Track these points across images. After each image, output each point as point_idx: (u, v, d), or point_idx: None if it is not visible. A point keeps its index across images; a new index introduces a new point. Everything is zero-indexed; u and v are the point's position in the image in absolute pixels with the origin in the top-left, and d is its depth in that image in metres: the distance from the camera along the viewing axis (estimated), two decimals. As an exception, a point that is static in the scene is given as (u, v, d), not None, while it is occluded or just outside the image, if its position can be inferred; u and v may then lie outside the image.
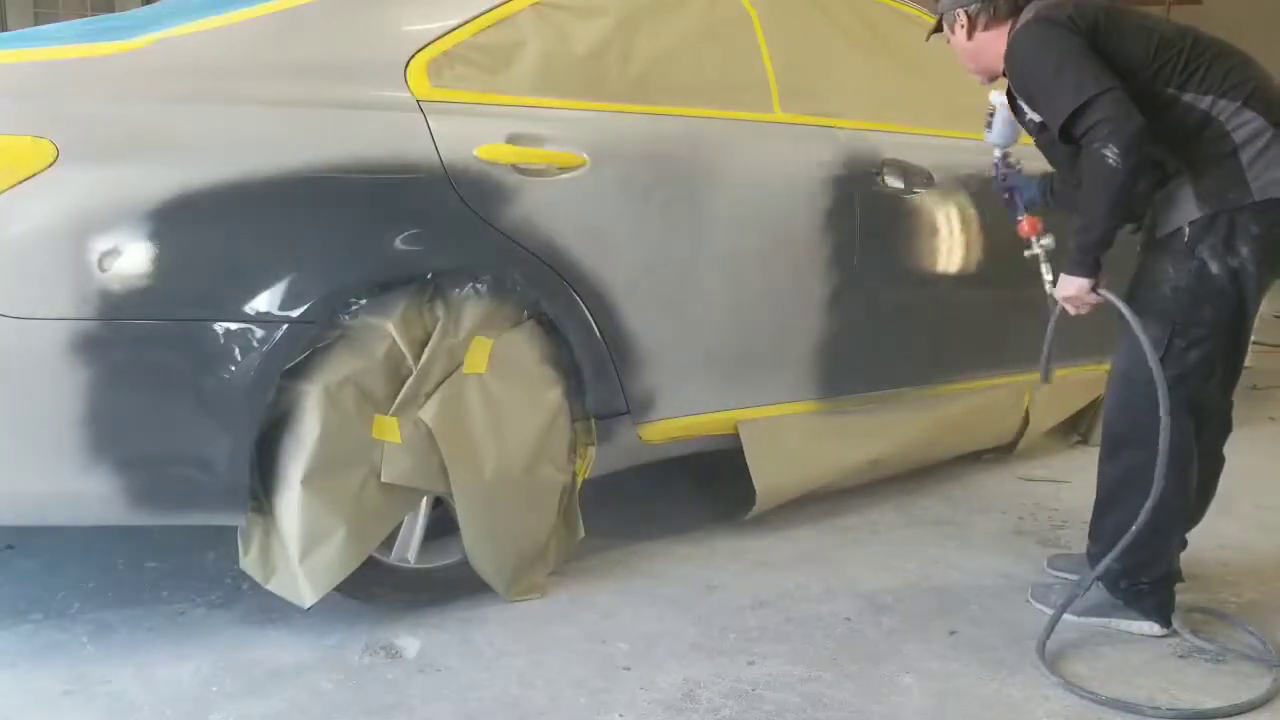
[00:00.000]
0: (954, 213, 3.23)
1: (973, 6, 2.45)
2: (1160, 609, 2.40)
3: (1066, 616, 2.39)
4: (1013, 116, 2.55)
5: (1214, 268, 2.25)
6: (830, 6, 3.20)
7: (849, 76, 3.14)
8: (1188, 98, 2.25)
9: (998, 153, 2.65)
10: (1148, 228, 2.40)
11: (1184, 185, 2.27)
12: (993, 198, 3.29)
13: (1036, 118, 2.37)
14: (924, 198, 3.13)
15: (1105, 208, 2.21)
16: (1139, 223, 2.42)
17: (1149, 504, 2.25)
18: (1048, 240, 2.54)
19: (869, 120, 3.08)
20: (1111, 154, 2.15)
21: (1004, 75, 2.45)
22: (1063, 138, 2.27)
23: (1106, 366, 3.79)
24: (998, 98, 2.59)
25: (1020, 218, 2.59)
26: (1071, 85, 2.20)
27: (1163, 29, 2.32)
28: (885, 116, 3.14)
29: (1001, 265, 3.35)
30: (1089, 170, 2.20)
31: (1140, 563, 2.36)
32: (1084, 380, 3.74)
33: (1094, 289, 2.31)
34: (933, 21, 2.60)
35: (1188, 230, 2.26)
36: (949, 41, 2.57)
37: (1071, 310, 2.39)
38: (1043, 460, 3.71)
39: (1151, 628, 2.40)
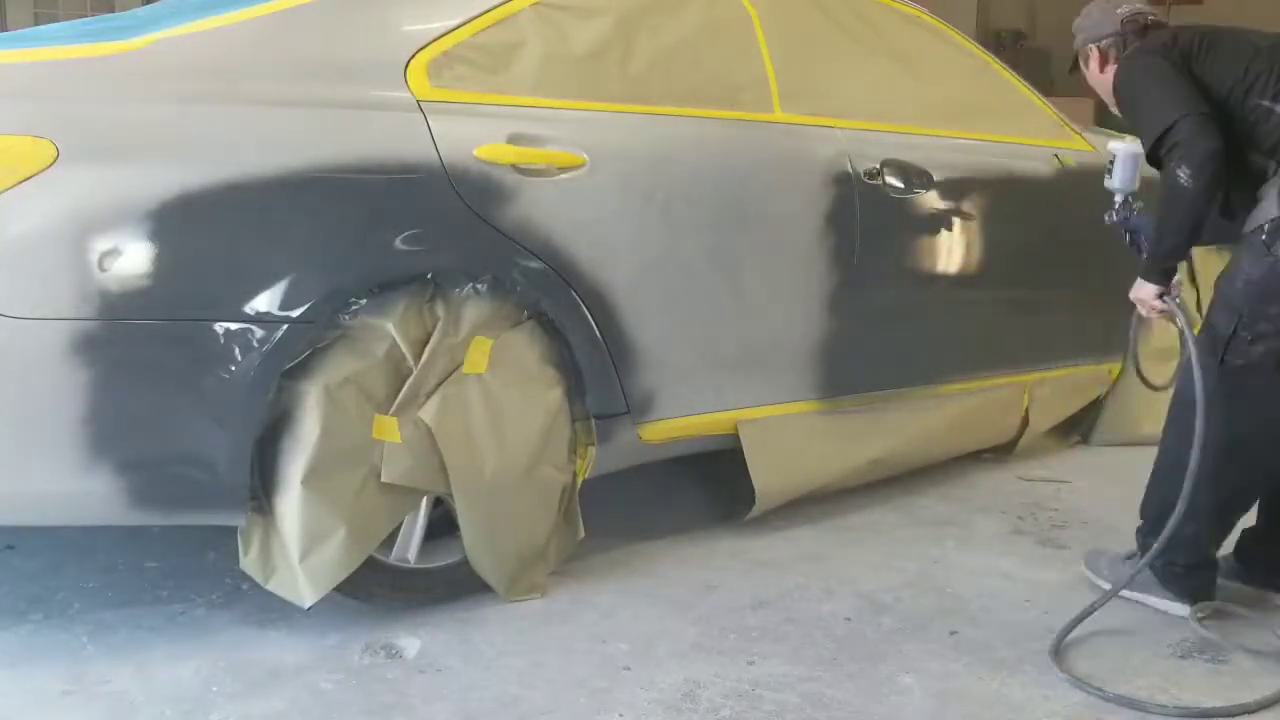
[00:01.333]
0: (954, 212, 3.23)
1: (1104, 42, 2.58)
2: (1191, 594, 2.46)
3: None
4: (1135, 161, 2.60)
5: None
6: (830, 6, 3.20)
7: (849, 76, 3.14)
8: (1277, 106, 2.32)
9: (1119, 198, 2.64)
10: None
11: (1272, 187, 2.33)
12: (991, 197, 3.32)
13: None
14: (924, 198, 3.13)
15: (1175, 223, 2.36)
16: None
17: (1181, 502, 2.32)
18: (1176, 277, 2.53)
19: (869, 120, 3.08)
20: (1184, 174, 2.28)
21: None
22: (1152, 162, 2.39)
23: (1107, 367, 3.83)
24: (1116, 145, 2.64)
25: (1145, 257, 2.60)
26: (1155, 112, 2.35)
27: (1262, 44, 2.40)
28: (885, 116, 3.14)
29: (1001, 265, 3.36)
30: (1165, 188, 2.34)
31: (1176, 544, 2.41)
32: (1084, 380, 3.75)
33: (1161, 296, 2.44)
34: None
35: (1266, 227, 2.32)
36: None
37: (1141, 311, 2.53)
38: (1043, 460, 3.70)
39: (1181, 609, 2.46)
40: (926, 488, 3.38)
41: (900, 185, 3.06)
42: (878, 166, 3.01)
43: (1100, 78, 2.63)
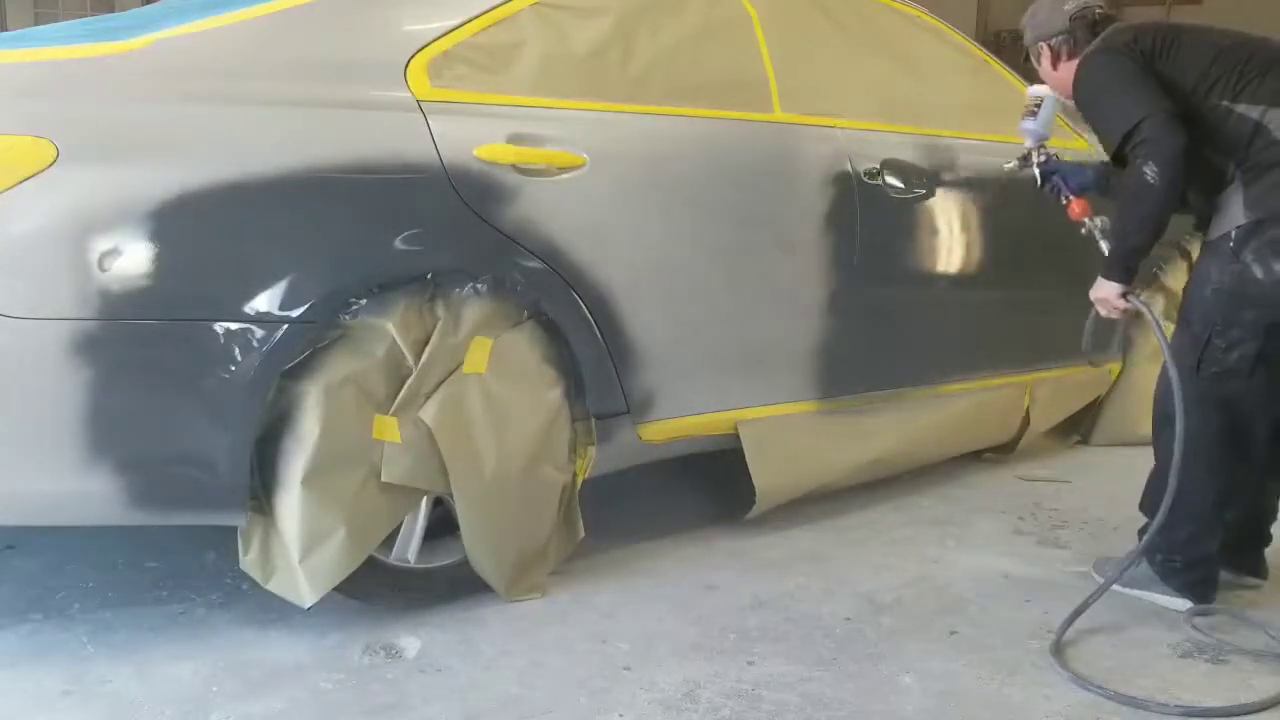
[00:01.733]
0: (954, 212, 3.23)
1: (1055, 39, 2.58)
2: (1190, 588, 2.48)
3: (1114, 587, 2.47)
4: (1056, 107, 2.66)
5: (1257, 272, 2.31)
6: (830, 6, 3.20)
7: (849, 76, 3.14)
8: (1241, 108, 2.33)
9: (1031, 141, 2.68)
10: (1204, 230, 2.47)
11: (1235, 192, 2.35)
12: (991, 197, 3.32)
13: None
14: (924, 197, 3.13)
15: (1138, 220, 2.36)
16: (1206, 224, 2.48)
17: (1166, 497, 2.36)
18: (1100, 219, 2.57)
19: (869, 120, 3.08)
20: (1150, 171, 2.27)
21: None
22: (1116, 161, 2.40)
23: (1107, 367, 3.83)
24: (1039, 89, 2.68)
25: (1068, 201, 2.64)
26: (1121, 111, 2.35)
27: (1224, 43, 2.41)
28: (885, 116, 3.14)
29: (1001, 265, 3.36)
30: (1129, 184, 2.33)
31: (1175, 542, 2.46)
32: (1084, 380, 3.75)
33: (1124, 295, 2.44)
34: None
35: (1233, 234, 2.33)
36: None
37: (1103, 311, 2.51)
38: (1043, 460, 3.70)
39: (1180, 604, 2.48)
40: (926, 488, 3.38)
41: (900, 185, 3.06)
42: (878, 166, 3.01)
43: (1054, 74, 2.62)
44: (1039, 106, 2.65)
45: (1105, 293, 2.47)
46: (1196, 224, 2.50)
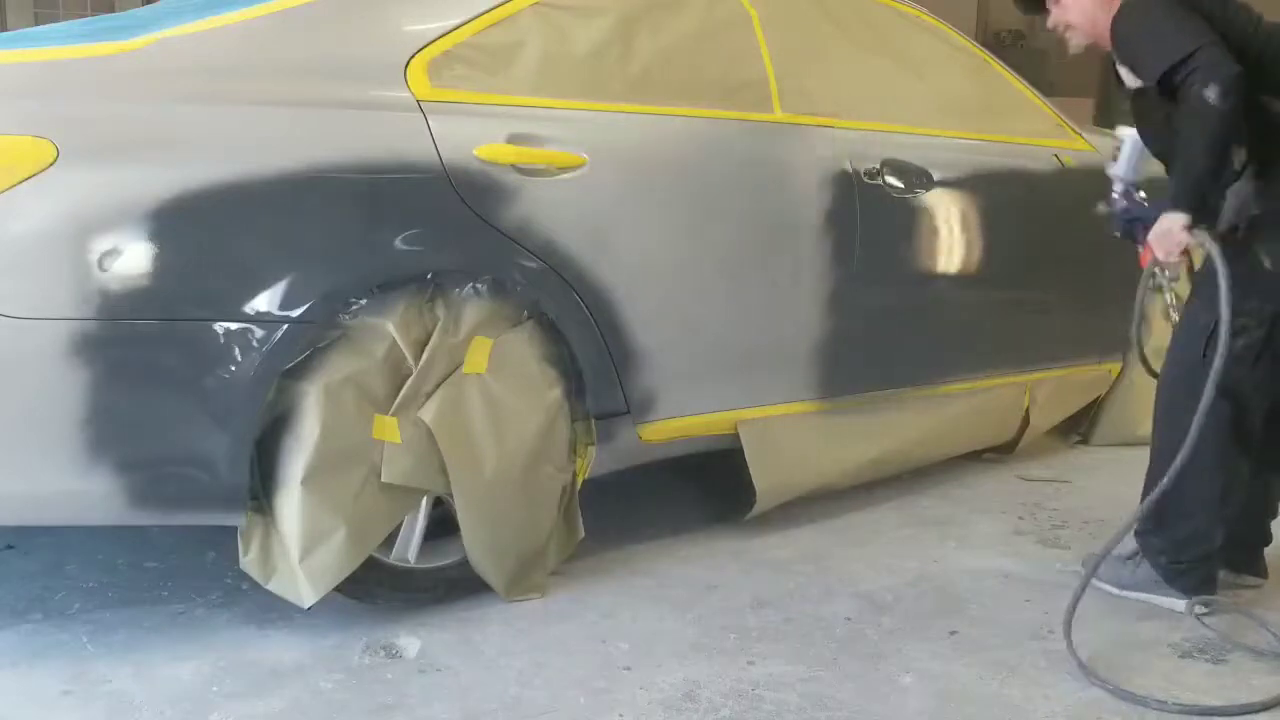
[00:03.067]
0: (954, 212, 3.23)
1: None
2: (1196, 589, 2.48)
3: (1116, 591, 2.50)
4: (1142, 151, 2.57)
5: (1266, 262, 2.34)
6: (830, 6, 3.20)
7: (849, 76, 3.14)
8: (1263, 99, 2.31)
9: (1119, 186, 2.62)
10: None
11: (1250, 182, 2.36)
12: (991, 197, 3.32)
13: (1137, 82, 2.38)
14: (924, 198, 3.13)
15: (1203, 146, 2.23)
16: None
17: (1161, 485, 2.36)
18: (1169, 269, 2.52)
19: (869, 120, 3.08)
20: (1212, 93, 2.17)
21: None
22: (1162, 89, 2.28)
23: (1107, 367, 3.83)
24: (1125, 130, 2.63)
25: (1143, 247, 2.51)
26: (1173, 40, 2.23)
27: (1262, 25, 2.34)
28: (885, 116, 3.14)
29: (1001, 265, 3.36)
30: (1188, 112, 2.22)
31: (1178, 541, 2.46)
32: (1084, 380, 3.75)
33: (1188, 228, 2.30)
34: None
35: (1244, 224, 2.35)
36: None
37: (1160, 254, 2.38)
38: (1043, 460, 3.70)
39: (1183, 604, 2.47)
40: (926, 488, 3.38)
41: (900, 185, 3.06)
42: (878, 166, 3.01)
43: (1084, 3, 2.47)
44: (1120, 148, 2.61)
45: (1167, 225, 2.32)
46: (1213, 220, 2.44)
